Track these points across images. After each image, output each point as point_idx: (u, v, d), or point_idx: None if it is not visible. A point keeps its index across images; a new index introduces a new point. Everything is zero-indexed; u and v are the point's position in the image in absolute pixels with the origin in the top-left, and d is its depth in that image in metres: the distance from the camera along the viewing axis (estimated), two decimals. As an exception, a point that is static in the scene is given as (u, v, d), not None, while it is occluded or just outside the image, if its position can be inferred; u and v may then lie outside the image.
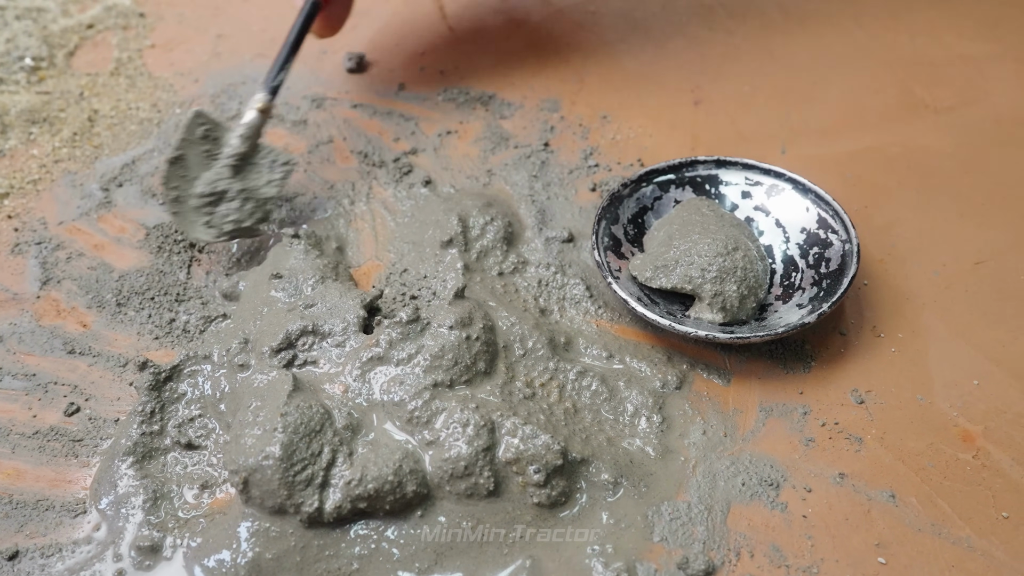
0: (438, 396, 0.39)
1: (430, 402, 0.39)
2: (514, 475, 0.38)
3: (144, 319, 0.46)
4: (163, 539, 0.37)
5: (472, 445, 0.37)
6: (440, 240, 0.48)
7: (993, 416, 0.42)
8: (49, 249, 0.49)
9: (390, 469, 0.36)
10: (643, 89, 0.61)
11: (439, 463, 0.37)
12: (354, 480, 0.36)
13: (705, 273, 0.43)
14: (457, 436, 0.37)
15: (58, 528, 0.38)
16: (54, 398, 0.42)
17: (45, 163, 0.54)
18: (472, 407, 0.38)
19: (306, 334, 0.41)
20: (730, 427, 0.42)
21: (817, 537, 0.38)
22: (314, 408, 0.38)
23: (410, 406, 0.38)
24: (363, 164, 0.55)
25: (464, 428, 0.37)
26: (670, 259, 0.45)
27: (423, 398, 0.39)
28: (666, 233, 0.47)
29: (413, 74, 0.62)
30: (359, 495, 0.36)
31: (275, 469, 0.35)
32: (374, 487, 0.36)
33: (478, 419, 0.38)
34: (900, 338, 0.46)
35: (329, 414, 0.38)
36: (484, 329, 0.41)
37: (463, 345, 0.40)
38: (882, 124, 0.59)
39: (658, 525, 0.38)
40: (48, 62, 0.62)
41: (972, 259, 0.50)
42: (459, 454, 0.37)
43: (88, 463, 0.40)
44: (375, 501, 0.36)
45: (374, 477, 0.36)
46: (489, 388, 0.40)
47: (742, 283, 0.43)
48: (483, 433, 0.37)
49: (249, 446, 0.36)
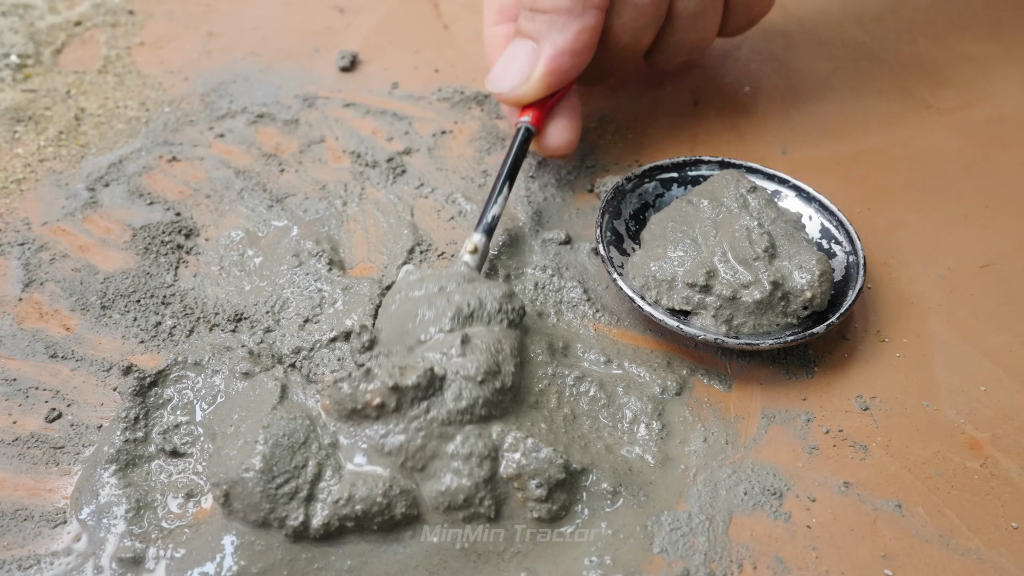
0: (441, 436, 0.36)
1: (425, 447, 0.36)
2: (515, 491, 0.36)
3: (129, 322, 0.44)
4: (146, 550, 0.36)
5: (473, 477, 0.35)
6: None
7: (1001, 423, 0.41)
8: (32, 250, 0.48)
9: (380, 490, 0.35)
10: (641, 88, 0.60)
11: (435, 495, 0.35)
12: (342, 499, 0.34)
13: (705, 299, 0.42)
14: (457, 469, 0.35)
15: (37, 539, 0.36)
16: (35, 403, 0.41)
17: (30, 162, 0.53)
18: (476, 434, 0.36)
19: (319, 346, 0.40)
20: (732, 434, 0.41)
21: (822, 548, 0.37)
22: (299, 420, 0.36)
23: (408, 462, 0.36)
24: (356, 164, 0.54)
25: (467, 460, 0.35)
26: (665, 275, 0.43)
27: (425, 451, 0.36)
28: (660, 230, 0.45)
29: (407, 73, 0.61)
30: (346, 515, 0.35)
31: (256, 482, 0.34)
32: (362, 508, 0.34)
33: (481, 448, 0.36)
34: (905, 343, 0.45)
35: (315, 427, 0.36)
36: (516, 369, 0.38)
37: (493, 396, 0.37)
38: (884, 125, 0.58)
39: (658, 536, 0.37)
40: (34, 59, 0.60)
41: (978, 262, 0.49)
42: (459, 486, 0.35)
43: (69, 471, 0.39)
44: (362, 521, 0.35)
45: (362, 497, 0.34)
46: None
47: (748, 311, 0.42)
48: (486, 464, 0.35)
49: (230, 458, 0.35)
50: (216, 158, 0.54)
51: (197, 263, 0.48)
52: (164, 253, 0.48)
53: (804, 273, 0.42)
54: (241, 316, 0.45)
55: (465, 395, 0.36)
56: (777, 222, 0.44)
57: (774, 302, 0.41)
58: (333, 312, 0.44)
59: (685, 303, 0.42)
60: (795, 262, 0.42)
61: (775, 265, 0.42)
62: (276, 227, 0.49)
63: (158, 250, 0.48)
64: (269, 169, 0.53)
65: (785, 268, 0.42)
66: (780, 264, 0.42)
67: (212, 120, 0.57)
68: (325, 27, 0.65)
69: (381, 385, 0.35)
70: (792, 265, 0.42)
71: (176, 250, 0.48)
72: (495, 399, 0.37)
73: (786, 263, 0.42)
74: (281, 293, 0.45)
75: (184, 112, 0.57)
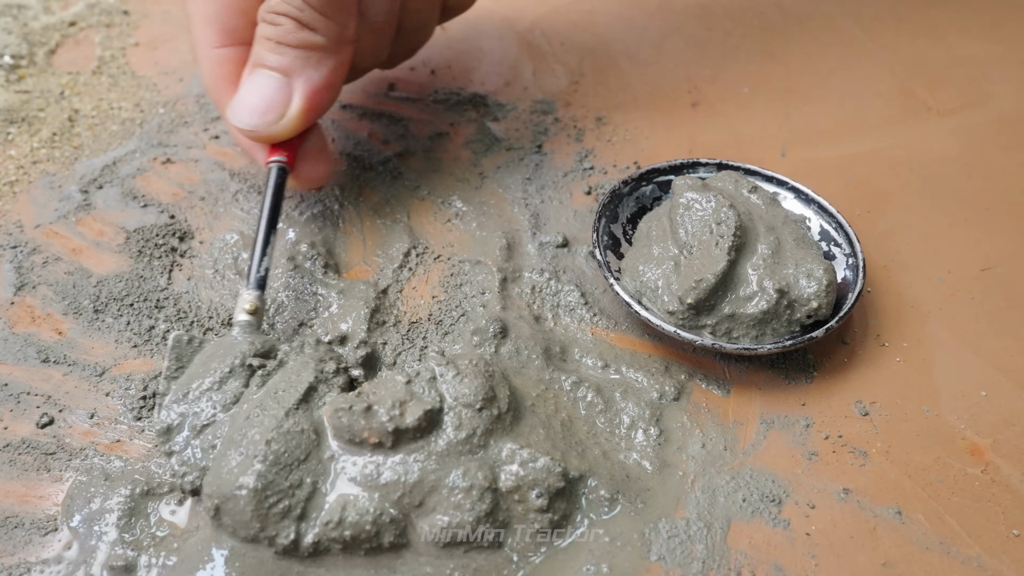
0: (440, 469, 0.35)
1: (423, 482, 0.35)
2: (515, 503, 0.35)
3: (122, 326, 0.44)
4: (137, 558, 0.35)
5: (475, 511, 0.34)
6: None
7: (1002, 428, 0.41)
8: (25, 253, 0.47)
9: (369, 517, 0.34)
10: (639, 90, 0.60)
11: (434, 531, 0.34)
12: (332, 522, 0.34)
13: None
14: (458, 503, 0.34)
15: (27, 547, 0.36)
16: (26, 409, 0.41)
17: (23, 164, 0.53)
18: (476, 465, 0.35)
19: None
20: (730, 440, 0.40)
21: (821, 556, 0.36)
22: (304, 435, 0.35)
23: (405, 498, 0.35)
24: (352, 167, 0.53)
25: (467, 494, 0.34)
26: (649, 283, 0.43)
27: (423, 486, 0.35)
28: (647, 231, 0.45)
29: (403, 74, 0.60)
30: (335, 538, 0.34)
31: (248, 501, 0.33)
32: (351, 533, 0.34)
33: (481, 479, 0.35)
34: (905, 347, 0.44)
35: (320, 439, 0.36)
36: (511, 397, 0.37)
37: (491, 421, 0.36)
38: (884, 127, 0.57)
39: (655, 543, 0.36)
40: (28, 60, 0.60)
41: (978, 265, 0.48)
42: (459, 522, 0.34)
43: (61, 477, 0.38)
44: (350, 545, 0.34)
45: (351, 523, 0.34)
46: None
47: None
48: (487, 497, 0.35)
49: (225, 472, 0.34)
50: (211, 160, 0.53)
51: (191, 266, 0.47)
52: (158, 256, 0.47)
53: (811, 282, 0.41)
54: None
55: (465, 425, 0.35)
56: (787, 223, 0.44)
57: (780, 310, 0.41)
58: (328, 316, 0.44)
59: (681, 325, 0.41)
60: (802, 269, 0.41)
61: (780, 273, 0.41)
62: (271, 230, 0.49)
63: (152, 253, 0.47)
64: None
65: (791, 276, 0.41)
66: (785, 272, 0.41)
67: (207, 121, 0.56)
68: (321, 28, 0.64)
69: (380, 426, 0.35)
70: (799, 272, 0.41)
71: (170, 253, 0.48)
72: (493, 426, 0.36)
73: (791, 271, 0.41)
74: (276, 296, 0.45)
75: (179, 113, 0.57)
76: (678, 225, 0.43)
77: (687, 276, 0.41)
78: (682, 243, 0.42)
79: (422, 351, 0.43)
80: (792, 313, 0.41)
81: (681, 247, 0.42)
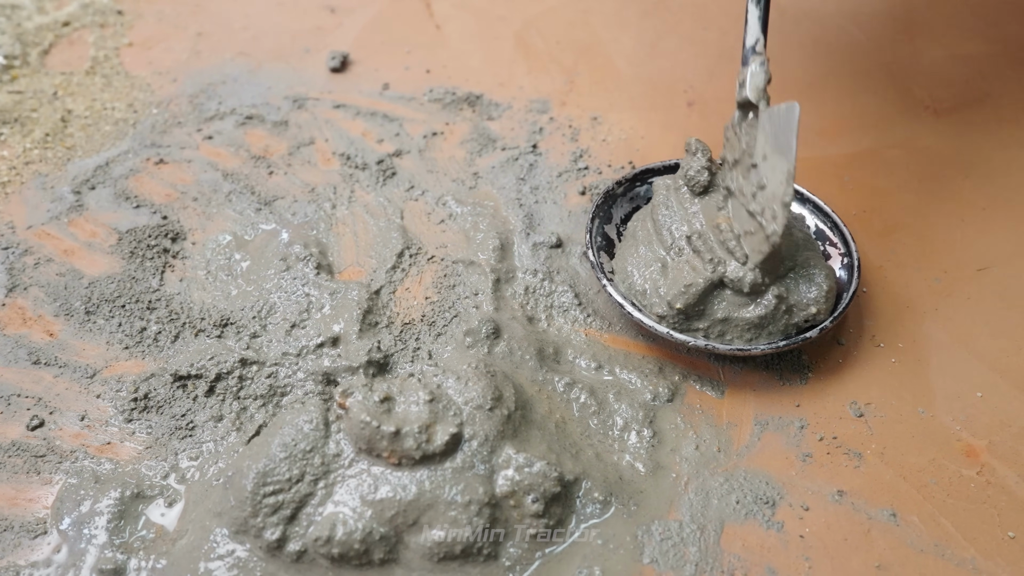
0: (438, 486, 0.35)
1: (420, 499, 0.35)
2: (511, 509, 0.35)
3: (114, 328, 0.44)
4: (127, 561, 0.35)
5: (473, 526, 0.34)
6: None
7: (998, 430, 0.40)
8: (16, 254, 0.47)
9: (358, 536, 0.34)
10: (635, 90, 0.60)
11: (429, 545, 0.34)
12: (321, 539, 0.34)
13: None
14: (455, 518, 0.34)
15: (16, 550, 0.36)
16: (16, 411, 0.40)
17: (15, 164, 0.52)
18: (476, 480, 0.35)
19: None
20: (724, 442, 0.40)
21: (815, 559, 0.36)
22: (315, 422, 0.36)
23: (399, 517, 0.35)
24: (345, 166, 0.53)
25: (465, 508, 0.34)
26: (637, 287, 0.43)
27: (419, 503, 0.34)
28: (634, 231, 0.44)
29: (398, 73, 0.60)
30: (323, 553, 0.34)
31: (251, 480, 0.35)
32: (339, 551, 0.34)
33: (481, 494, 0.34)
34: (900, 348, 0.44)
35: (327, 435, 0.36)
36: (518, 402, 0.37)
37: (502, 423, 0.36)
38: (880, 126, 0.57)
39: (648, 546, 0.36)
40: (21, 60, 0.60)
41: (974, 265, 0.48)
42: (455, 538, 0.34)
43: (51, 480, 0.38)
44: (338, 561, 0.34)
45: (340, 541, 0.34)
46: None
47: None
48: (485, 511, 0.34)
49: (246, 451, 0.36)
50: (204, 160, 0.53)
51: (183, 267, 0.47)
52: (150, 257, 0.47)
53: (812, 287, 0.41)
54: (227, 321, 0.44)
55: (479, 433, 0.35)
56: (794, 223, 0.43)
57: (777, 315, 0.41)
58: (320, 317, 0.44)
59: (673, 327, 0.41)
60: (802, 273, 0.41)
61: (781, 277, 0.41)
62: (264, 231, 0.49)
63: (144, 254, 0.47)
64: (258, 171, 0.53)
65: (791, 280, 0.41)
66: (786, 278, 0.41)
67: (200, 122, 0.56)
68: (316, 27, 0.64)
69: (405, 451, 0.34)
70: (799, 276, 0.41)
71: (162, 254, 0.47)
72: (504, 428, 0.36)
73: (791, 274, 0.41)
74: (268, 298, 0.45)
75: (172, 114, 0.56)
76: (661, 226, 0.43)
77: (676, 280, 0.41)
78: (667, 244, 0.42)
79: (415, 352, 0.43)
80: (790, 318, 0.41)
81: (667, 248, 0.42)
